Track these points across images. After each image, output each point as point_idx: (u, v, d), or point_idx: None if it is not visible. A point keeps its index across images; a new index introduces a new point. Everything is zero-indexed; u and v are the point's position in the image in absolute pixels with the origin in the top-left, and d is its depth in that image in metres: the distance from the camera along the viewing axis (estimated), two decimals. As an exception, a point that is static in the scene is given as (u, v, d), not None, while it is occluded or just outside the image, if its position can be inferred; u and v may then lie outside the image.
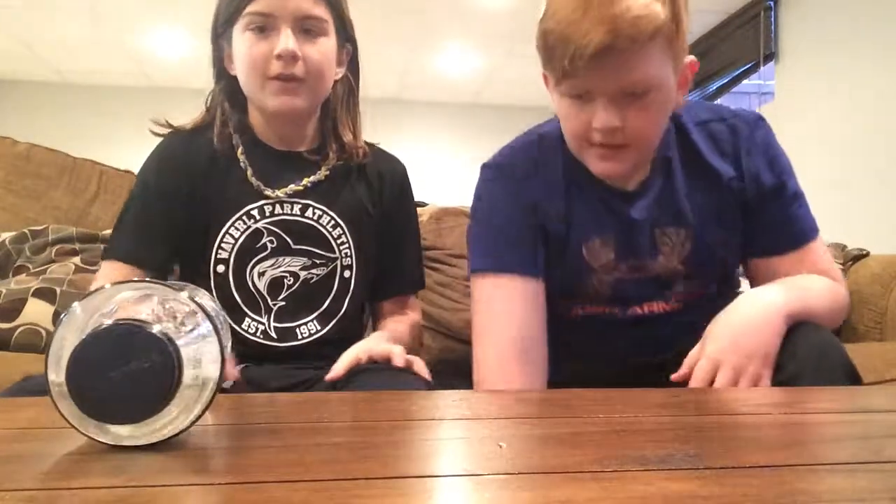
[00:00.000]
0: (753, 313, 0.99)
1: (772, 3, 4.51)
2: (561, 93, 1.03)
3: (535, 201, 1.11)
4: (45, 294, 1.57)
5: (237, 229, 1.17)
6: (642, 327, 1.16)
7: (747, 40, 4.69)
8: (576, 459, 0.52)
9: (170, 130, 1.24)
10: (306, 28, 1.15)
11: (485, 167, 1.17)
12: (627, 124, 0.99)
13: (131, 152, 3.05)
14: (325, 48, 1.17)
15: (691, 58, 1.05)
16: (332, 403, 0.81)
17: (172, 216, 1.18)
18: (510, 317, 1.07)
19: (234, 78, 1.21)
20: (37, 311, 1.54)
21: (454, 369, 1.73)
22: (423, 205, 2.14)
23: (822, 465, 0.51)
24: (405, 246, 1.31)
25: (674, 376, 1.01)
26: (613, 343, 1.17)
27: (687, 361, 1.01)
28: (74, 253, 1.71)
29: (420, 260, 1.36)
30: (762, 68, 4.59)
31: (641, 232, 1.10)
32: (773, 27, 4.51)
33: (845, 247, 2.06)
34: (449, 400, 0.81)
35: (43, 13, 5.03)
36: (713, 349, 0.98)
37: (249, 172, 1.20)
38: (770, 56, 4.51)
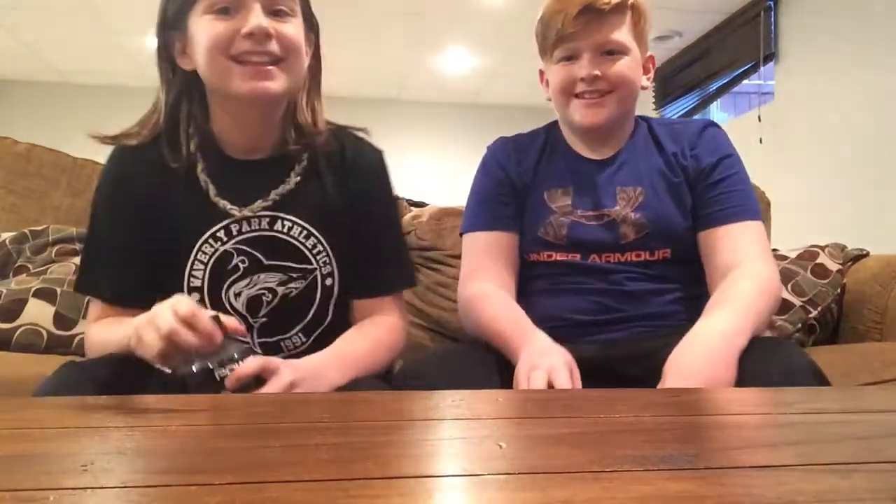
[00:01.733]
0: (710, 344, 1.05)
1: (771, 4, 4.50)
2: (555, 61, 1.31)
3: (507, 169, 1.36)
4: (45, 294, 1.57)
5: (205, 253, 1.11)
6: (603, 279, 1.27)
7: (747, 41, 4.68)
8: (576, 459, 0.52)
9: (115, 146, 1.15)
10: (276, 8, 1.05)
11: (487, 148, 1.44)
12: (606, 73, 1.26)
13: (131, 152, 3.04)
14: (297, 28, 1.08)
15: (651, 54, 1.36)
16: (331, 403, 0.81)
17: (137, 246, 1.10)
18: (485, 265, 1.32)
19: (189, 75, 1.10)
20: (37, 312, 1.54)
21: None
22: (422, 205, 2.13)
23: (822, 465, 0.51)
24: (380, 242, 1.20)
25: None
26: (579, 296, 1.28)
27: None
28: (75, 253, 1.71)
29: (400, 256, 1.25)
30: (762, 69, 4.58)
31: (605, 188, 1.32)
32: (772, 27, 4.50)
33: (845, 247, 2.06)
34: (448, 400, 0.81)
35: (43, 13, 5.02)
36: (675, 382, 1.02)
37: (212, 192, 1.10)
38: (770, 56, 4.50)
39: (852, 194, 3.76)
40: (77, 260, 1.69)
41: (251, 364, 0.92)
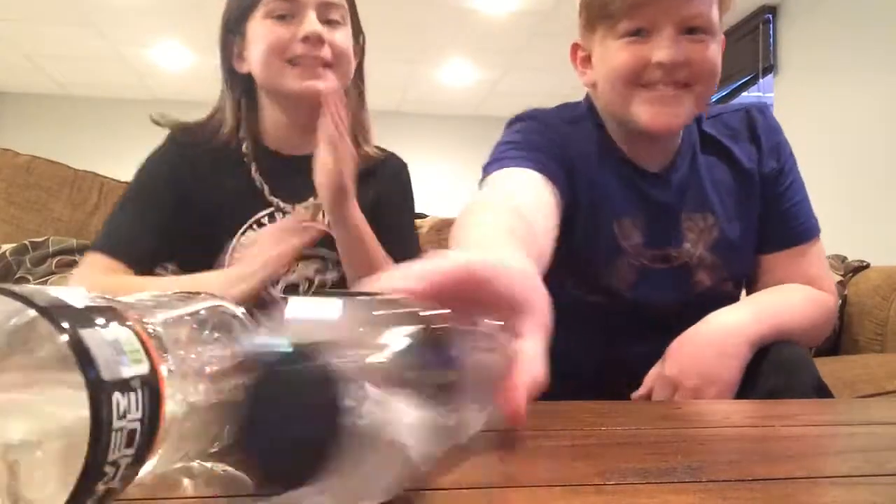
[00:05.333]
0: (717, 336, 0.95)
1: (770, 16, 4.52)
2: (615, 36, 0.99)
3: (567, 144, 1.03)
4: (45, 306, 1.57)
5: (248, 238, 1.16)
6: (666, 329, 1.02)
7: (746, 53, 4.71)
8: (577, 472, 0.52)
9: (172, 129, 1.21)
10: (328, 18, 1.14)
11: (512, 120, 1.12)
12: (693, 59, 0.96)
13: (132, 164, 3.05)
14: (347, 36, 1.17)
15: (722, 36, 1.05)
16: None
17: (165, 216, 1.15)
18: (505, 193, 0.92)
19: (246, 78, 1.18)
20: (37, 323, 1.54)
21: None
22: (423, 216, 2.13)
23: (825, 478, 0.51)
24: (395, 245, 1.23)
25: (634, 395, 0.99)
26: (635, 339, 1.07)
27: (646, 380, 0.98)
28: (75, 264, 1.71)
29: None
30: (761, 81, 4.60)
31: (669, 216, 1.07)
32: (771, 40, 4.52)
33: (846, 258, 2.06)
34: (449, 412, 0.80)
35: (44, 26, 5.05)
36: (672, 370, 0.95)
37: (267, 190, 1.18)
38: (769, 68, 4.52)
39: (853, 206, 3.76)
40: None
41: None
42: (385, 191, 1.26)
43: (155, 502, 0.46)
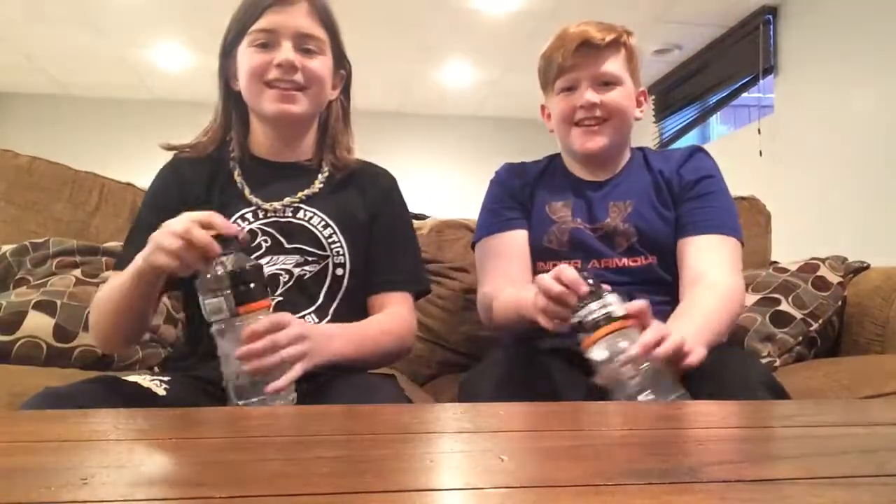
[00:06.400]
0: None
1: (771, 17, 4.52)
2: (556, 92, 1.45)
3: (513, 186, 1.52)
4: (45, 307, 1.56)
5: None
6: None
7: (746, 53, 4.71)
8: (577, 473, 0.52)
9: (174, 153, 1.33)
10: (306, 47, 1.26)
11: (491, 180, 1.58)
12: (604, 101, 1.41)
13: (132, 165, 3.05)
14: (322, 63, 1.29)
15: (643, 88, 1.51)
16: (331, 417, 0.81)
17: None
18: (497, 265, 1.45)
19: (239, 95, 1.30)
20: (37, 324, 1.54)
21: (453, 382, 1.72)
22: (423, 217, 2.14)
23: (825, 479, 0.51)
24: (395, 246, 1.35)
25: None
26: None
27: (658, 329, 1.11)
28: (75, 265, 1.71)
29: (415, 261, 1.39)
30: (761, 81, 4.60)
31: (599, 205, 1.46)
32: (772, 40, 4.52)
33: (845, 259, 2.05)
34: (449, 413, 0.81)
35: (44, 26, 5.04)
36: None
37: (247, 191, 1.28)
38: (769, 69, 4.52)
39: (852, 206, 3.76)
40: (77, 272, 1.69)
41: (263, 322, 1.00)
42: (383, 211, 1.35)
43: (172, 502, 0.46)
